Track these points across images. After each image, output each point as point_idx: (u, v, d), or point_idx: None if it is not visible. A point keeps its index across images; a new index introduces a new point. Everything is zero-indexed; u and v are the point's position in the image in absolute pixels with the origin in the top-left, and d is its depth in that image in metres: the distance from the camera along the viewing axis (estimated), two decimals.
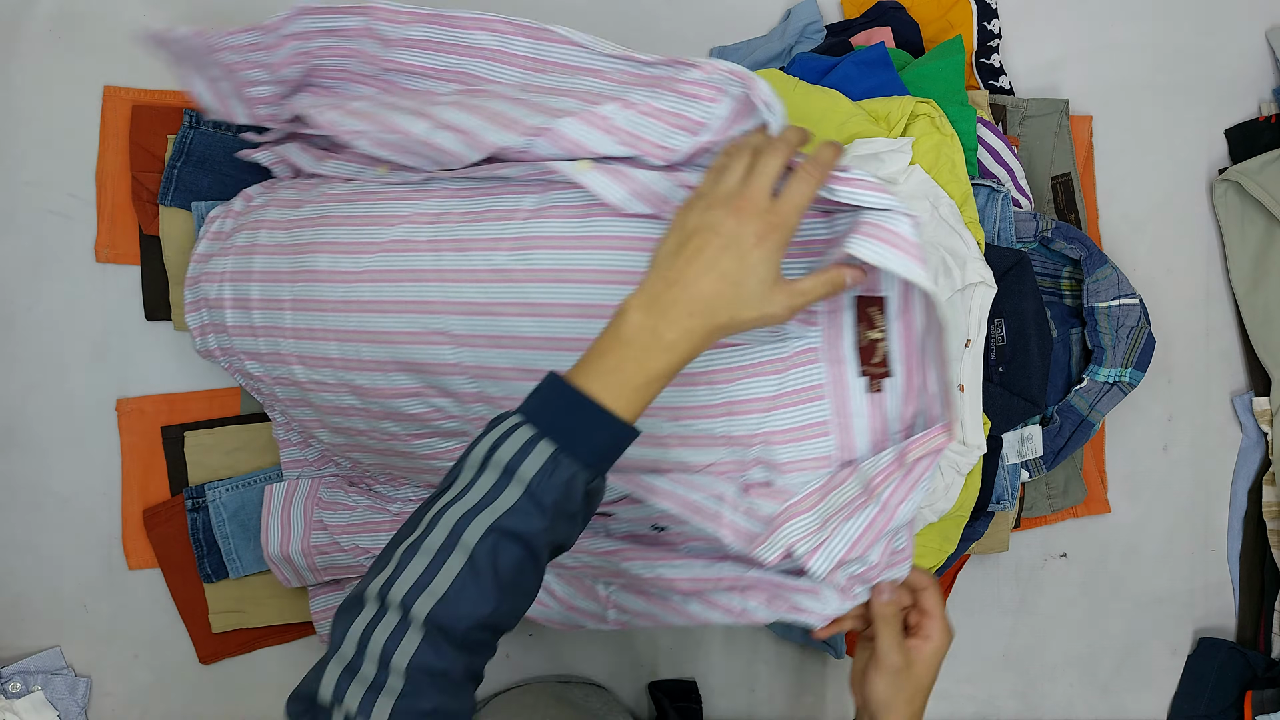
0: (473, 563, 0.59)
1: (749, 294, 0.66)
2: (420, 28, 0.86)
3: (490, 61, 0.86)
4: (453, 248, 0.82)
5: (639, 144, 0.76)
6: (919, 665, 0.79)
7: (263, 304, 0.92)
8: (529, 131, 0.78)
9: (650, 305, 0.65)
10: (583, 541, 0.88)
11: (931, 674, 0.80)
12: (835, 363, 0.78)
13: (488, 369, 0.82)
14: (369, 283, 0.85)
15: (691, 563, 0.83)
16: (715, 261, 0.66)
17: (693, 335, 0.65)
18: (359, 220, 0.87)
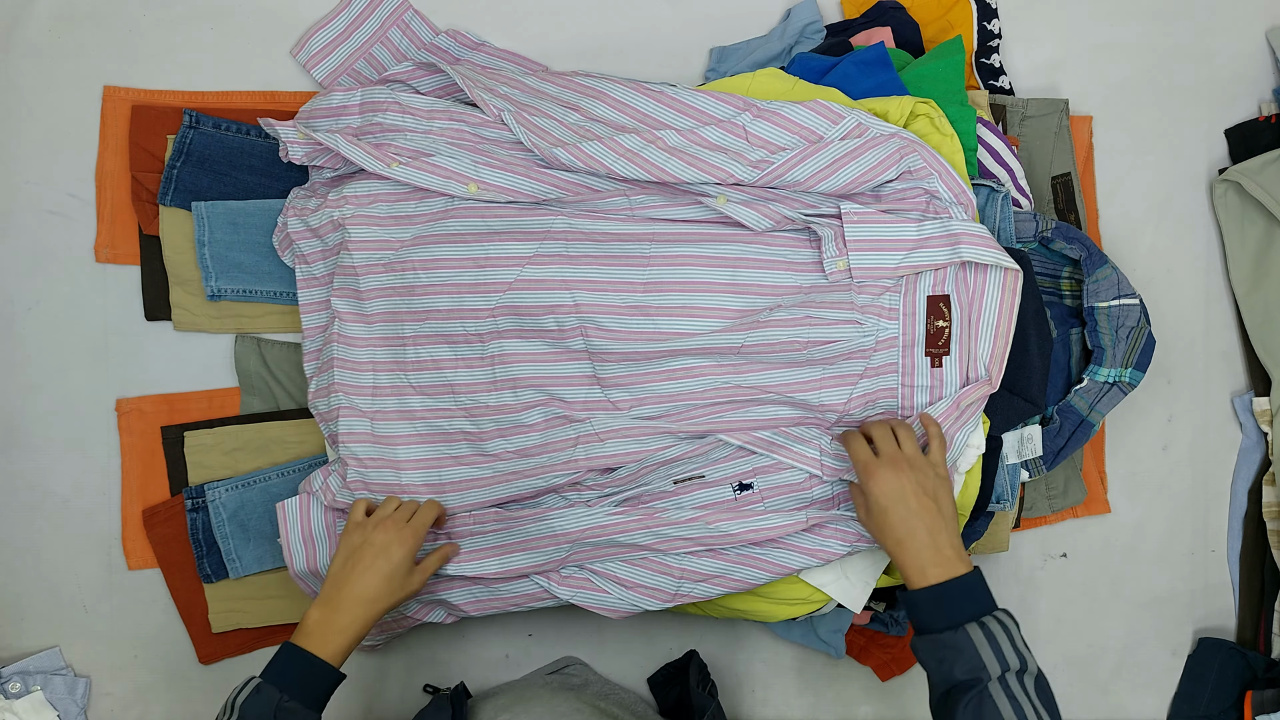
0: None
1: (397, 584, 0.96)
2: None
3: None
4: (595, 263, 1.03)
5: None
6: (868, 495, 0.94)
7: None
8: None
9: (325, 604, 0.94)
10: (667, 513, 1.02)
11: (871, 494, 0.93)
12: (907, 346, 1.02)
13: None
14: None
15: (773, 515, 1.01)
16: (371, 564, 0.95)
17: (358, 621, 0.94)
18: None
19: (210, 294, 1.09)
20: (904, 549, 0.92)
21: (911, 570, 0.91)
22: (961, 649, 0.86)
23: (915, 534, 0.91)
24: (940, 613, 0.89)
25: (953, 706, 0.85)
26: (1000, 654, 0.85)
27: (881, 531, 0.94)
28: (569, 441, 1.02)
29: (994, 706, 0.83)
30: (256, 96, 1.13)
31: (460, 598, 1.06)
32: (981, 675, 0.85)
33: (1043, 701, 0.85)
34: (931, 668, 0.89)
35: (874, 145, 1.00)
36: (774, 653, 1.19)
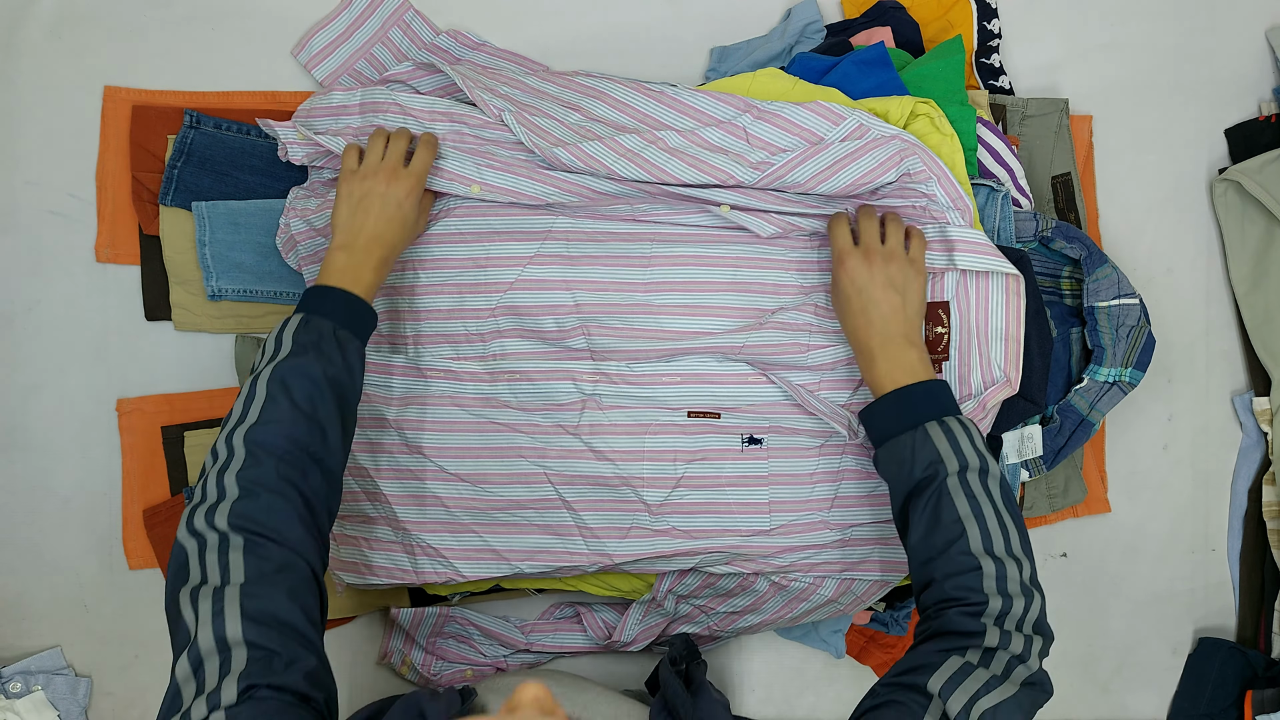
0: (270, 396, 0.82)
1: (410, 227, 0.97)
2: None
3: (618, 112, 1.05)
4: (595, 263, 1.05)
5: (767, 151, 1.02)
6: (834, 282, 0.96)
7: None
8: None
9: (346, 249, 0.93)
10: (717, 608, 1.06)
11: (843, 285, 0.95)
12: None
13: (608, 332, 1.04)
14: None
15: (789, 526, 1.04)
16: (382, 212, 0.94)
17: (381, 261, 0.94)
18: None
19: (211, 294, 1.09)
20: (859, 336, 0.93)
21: (863, 358, 0.92)
22: (919, 447, 0.85)
23: (873, 323, 0.92)
24: (899, 415, 0.88)
25: (912, 509, 0.84)
26: (959, 451, 0.84)
27: (842, 317, 0.95)
28: (576, 404, 1.02)
29: (950, 502, 0.83)
30: (257, 96, 1.13)
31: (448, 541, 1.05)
32: (939, 470, 0.84)
33: (1004, 500, 0.84)
34: (892, 473, 0.87)
35: (875, 147, 1.00)
36: (774, 653, 1.19)
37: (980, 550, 0.81)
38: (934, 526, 0.83)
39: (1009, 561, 0.82)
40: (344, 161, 0.99)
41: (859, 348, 0.94)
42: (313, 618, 0.76)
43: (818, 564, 1.02)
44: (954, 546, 0.82)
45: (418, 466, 1.04)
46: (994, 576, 0.81)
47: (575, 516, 1.02)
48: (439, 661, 1.12)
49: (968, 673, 0.76)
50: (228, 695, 0.69)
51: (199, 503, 0.78)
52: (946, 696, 0.74)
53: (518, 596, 1.14)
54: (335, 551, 1.06)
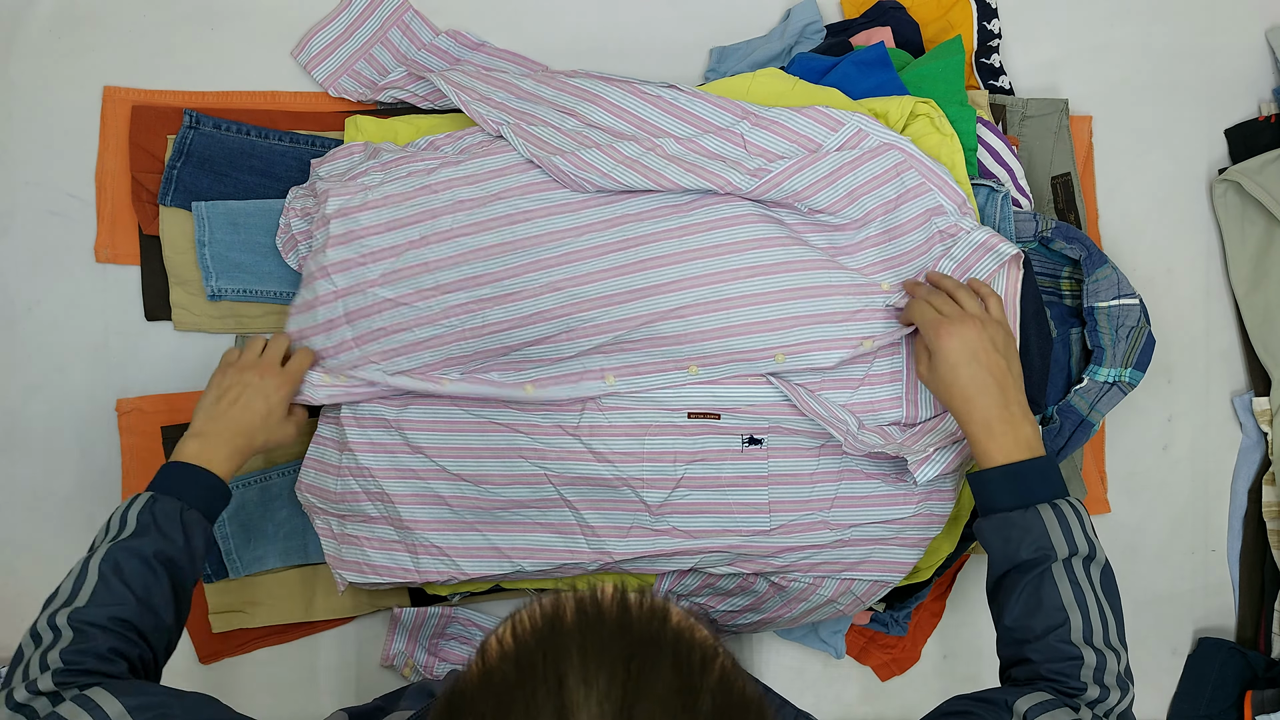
0: (102, 576, 0.81)
1: (273, 425, 0.96)
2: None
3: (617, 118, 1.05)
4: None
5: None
6: (936, 353, 0.91)
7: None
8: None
9: (200, 437, 0.93)
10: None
11: (937, 357, 0.91)
12: (909, 357, 1.02)
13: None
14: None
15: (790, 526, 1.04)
16: (250, 404, 0.95)
17: (237, 451, 0.93)
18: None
19: (210, 294, 1.09)
20: (973, 407, 0.88)
21: (979, 429, 0.88)
22: (1030, 528, 0.83)
23: (988, 391, 0.88)
24: (1013, 491, 0.85)
25: (1011, 585, 0.83)
26: (1070, 537, 0.83)
27: (949, 390, 0.90)
28: (576, 405, 1.03)
29: (1053, 586, 0.81)
30: (257, 96, 1.13)
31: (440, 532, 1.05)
32: (1048, 554, 0.82)
33: (1105, 590, 0.83)
34: (996, 547, 0.86)
35: (872, 157, 1.00)
36: (774, 653, 1.19)
37: (1081, 640, 0.81)
38: (1034, 609, 0.82)
39: (1109, 653, 0.82)
40: (223, 358, 1.00)
41: (974, 416, 0.89)
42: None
43: (817, 564, 1.02)
44: (1054, 634, 0.81)
45: (419, 466, 1.03)
46: (1093, 668, 0.81)
47: (576, 515, 1.02)
48: (442, 663, 1.12)
49: (1056, 705, 0.76)
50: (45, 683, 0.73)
51: (16, 683, 0.76)
52: (1030, 717, 0.74)
53: (518, 597, 1.14)
54: (336, 551, 1.06)
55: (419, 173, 1.04)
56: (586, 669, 0.48)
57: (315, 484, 1.06)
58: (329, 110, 1.13)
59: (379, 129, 1.09)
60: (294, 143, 1.11)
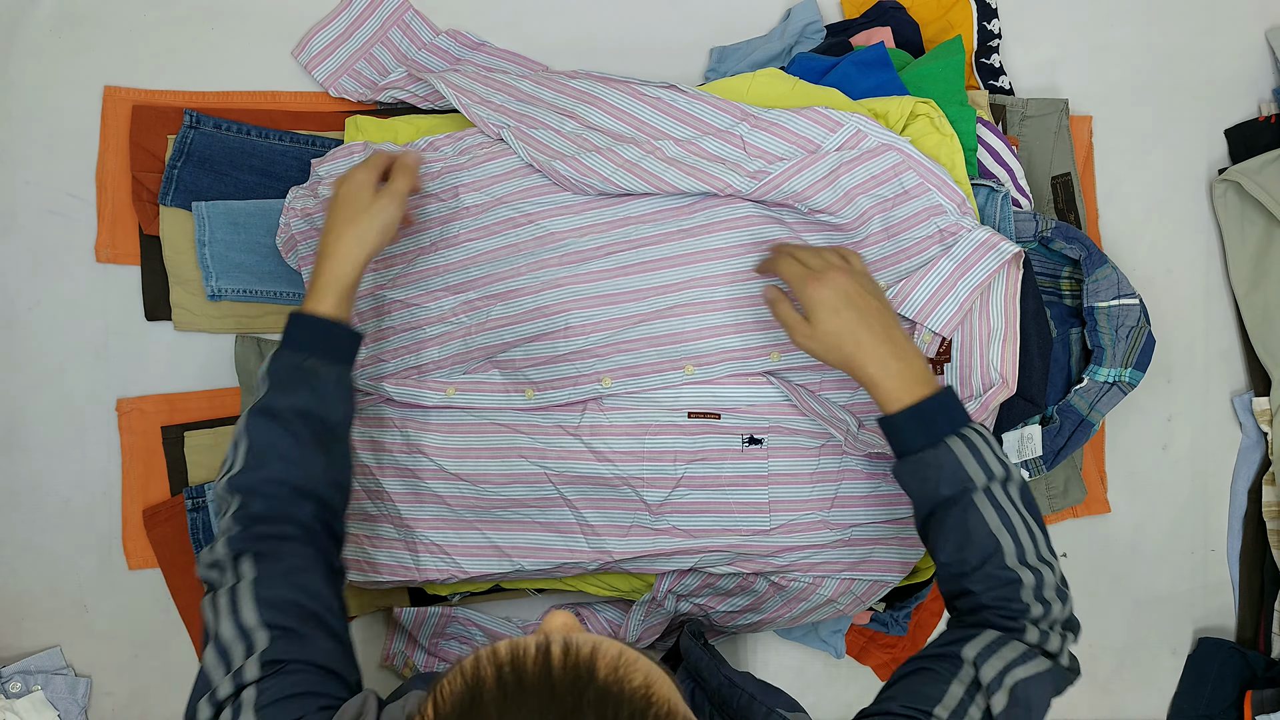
0: (251, 440, 0.85)
1: (361, 207, 0.93)
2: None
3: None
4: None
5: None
6: (808, 312, 0.91)
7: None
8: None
9: (320, 254, 0.92)
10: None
11: (816, 312, 0.90)
12: None
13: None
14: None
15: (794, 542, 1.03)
16: (331, 204, 0.94)
17: (341, 261, 0.91)
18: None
19: (210, 294, 1.09)
20: (862, 349, 0.88)
21: (875, 370, 0.88)
22: (944, 464, 0.84)
23: (872, 329, 0.88)
24: (921, 430, 0.86)
25: (939, 523, 0.85)
26: (984, 463, 0.84)
27: (837, 339, 0.88)
28: (577, 405, 1.03)
29: (979, 516, 0.83)
30: (257, 96, 1.13)
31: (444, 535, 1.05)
32: (968, 486, 0.84)
33: (1027, 508, 0.85)
34: (915, 488, 0.87)
35: (870, 158, 1.00)
36: (774, 653, 1.19)
37: (1016, 562, 0.82)
38: (966, 542, 0.83)
39: (1043, 568, 0.83)
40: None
41: (867, 358, 0.88)
42: (330, 605, 0.79)
43: (817, 564, 1.02)
44: (990, 562, 0.82)
45: (418, 466, 1.04)
46: (1032, 586, 0.82)
47: (576, 514, 1.02)
48: (441, 664, 1.12)
49: (1003, 643, 0.78)
50: (251, 672, 0.72)
51: (209, 545, 0.83)
52: (980, 663, 0.75)
53: (518, 597, 1.14)
54: None
55: (425, 177, 1.05)
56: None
57: None
58: (329, 110, 1.13)
59: (379, 129, 1.09)
60: (294, 143, 1.11)
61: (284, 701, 0.70)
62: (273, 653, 0.73)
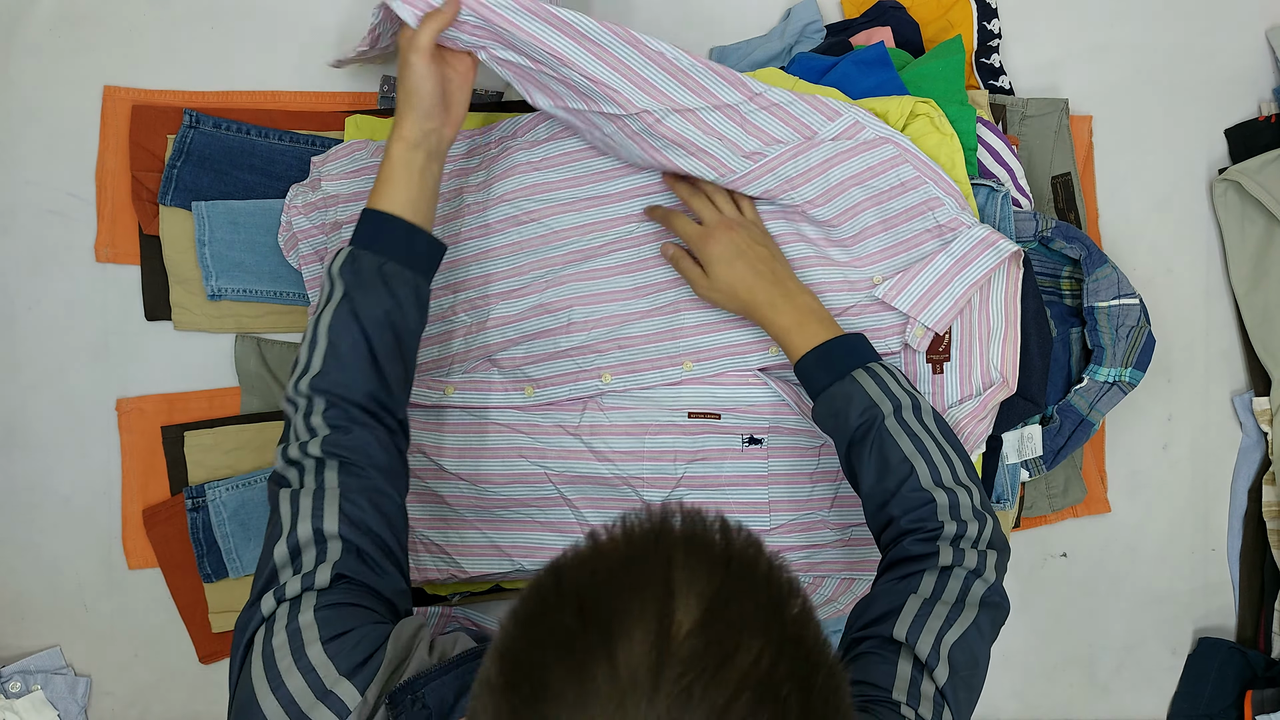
0: (331, 343, 0.84)
1: (432, 89, 0.90)
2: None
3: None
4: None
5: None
6: (705, 264, 0.96)
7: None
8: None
9: (394, 134, 0.90)
10: None
11: (713, 264, 0.95)
12: (908, 350, 1.01)
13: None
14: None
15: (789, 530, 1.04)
16: (399, 71, 0.91)
17: (413, 134, 0.89)
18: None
19: (210, 294, 1.09)
20: (758, 297, 0.94)
21: (771, 314, 0.93)
22: (852, 395, 0.87)
23: (761, 276, 0.94)
24: (828, 368, 0.90)
25: (858, 456, 0.86)
26: (889, 392, 0.87)
27: (732, 289, 0.95)
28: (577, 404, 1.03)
29: (892, 442, 0.85)
30: (256, 96, 1.13)
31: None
32: (875, 414, 0.86)
33: (942, 433, 0.86)
34: (830, 425, 0.89)
35: (866, 149, 1.00)
36: None
37: (931, 484, 0.84)
38: (884, 470, 0.85)
39: (959, 490, 0.85)
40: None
41: (759, 301, 0.94)
42: (402, 543, 0.81)
43: (817, 564, 1.02)
44: (905, 485, 0.84)
45: (418, 465, 1.04)
46: (947, 506, 0.84)
47: (576, 514, 1.02)
48: None
49: (928, 611, 0.78)
50: (321, 578, 0.73)
51: (290, 441, 0.83)
52: (914, 641, 0.76)
53: (517, 597, 1.14)
54: None
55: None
56: (690, 562, 0.50)
57: None
58: (329, 110, 1.13)
59: (379, 128, 1.09)
60: (294, 142, 1.11)
61: (343, 608, 0.72)
62: (344, 566, 0.75)
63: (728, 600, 0.49)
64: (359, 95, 1.14)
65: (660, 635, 0.47)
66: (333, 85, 1.14)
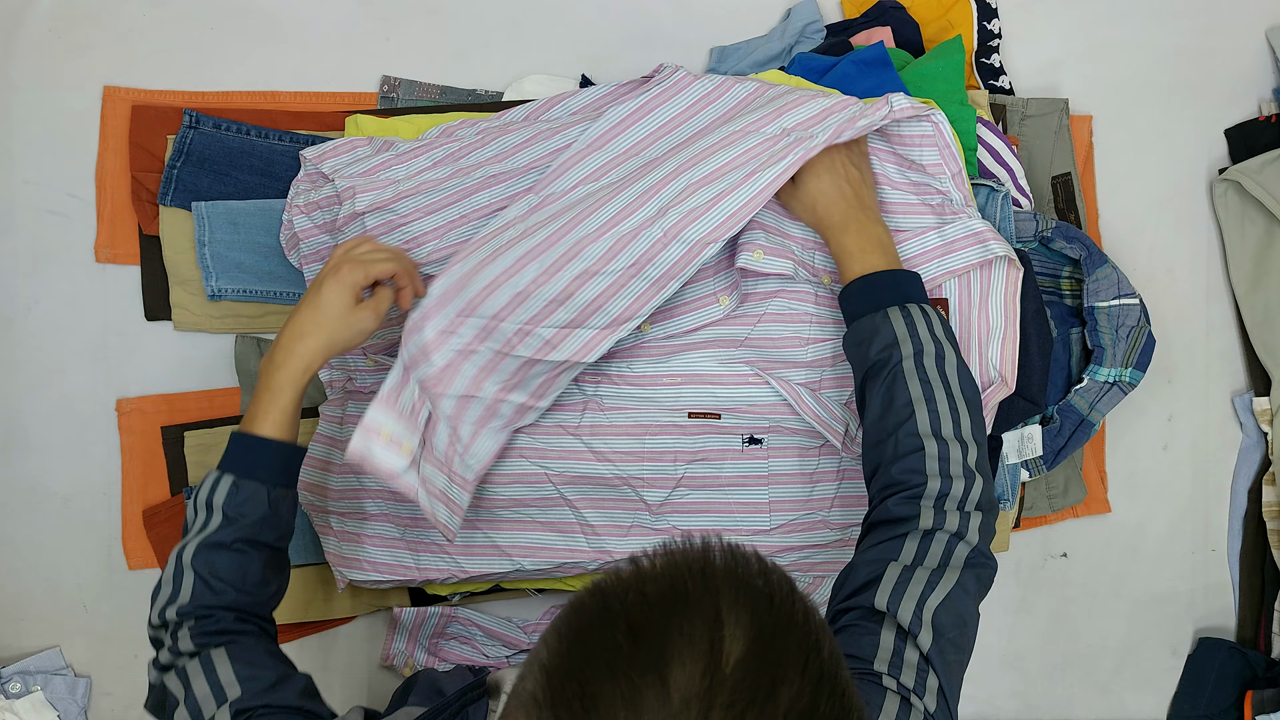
0: (197, 575, 0.83)
1: (333, 315, 0.89)
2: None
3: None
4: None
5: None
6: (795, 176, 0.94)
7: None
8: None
9: (266, 360, 0.90)
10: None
11: (802, 175, 0.93)
12: None
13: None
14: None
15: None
16: (304, 299, 0.90)
17: (294, 355, 0.88)
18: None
19: (210, 294, 1.09)
20: (833, 213, 0.93)
21: (839, 234, 0.92)
22: (879, 330, 0.86)
23: (845, 198, 0.92)
24: (868, 298, 0.88)
25: (869, 390, 0.85)
26: (916, 336, 0.85)
27: (812, 203, 0.93)
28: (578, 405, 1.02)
29: (903, 384, 0.83)
30: (256, 96, 1.13)
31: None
32: (894, 353, 0.84)
33: (963, 387, 0.84)
34: (853, 354, 0.88)
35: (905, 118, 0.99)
36: None
37: (926, 431, 0.82)
38: (887, 409, 0.84)
39: (954, 444, 0.82)
40: None
41: (834, 220, 0.93)
42: (299, 677, 0.81)
43: (817, 564, 1.02)
44: (902, 429, 0.82)
45: None
46: (936, 457, 0.81)
47: (576, 514, 1.02)
48: (442, 664, 1.12)
49: (908, 578, 0.76)
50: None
51: (161, 651, 0.83)
52: (895, 609, 0.74)
53: (518, 597, 1.14)
54: (336, 548, 1.06)
55: (446, 160, 1.04)
56: (735, 595, 0.50)
57: (316, 481, 1.06)
58: (329, 110, 1.13)
59: (379, 128, 1.09)
60: (294, 143, 1.11)
61: None
62: (245, 701, 0.75)
63: (772, 635, 0.49)
64: (359, 95, 1.14)
65: (711, 662, 0.48)
66: (332, 85, 1.14)
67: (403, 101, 1.14)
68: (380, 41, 1.15)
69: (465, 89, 1.15)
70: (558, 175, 1.00)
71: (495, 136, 1.04)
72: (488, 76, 1.16)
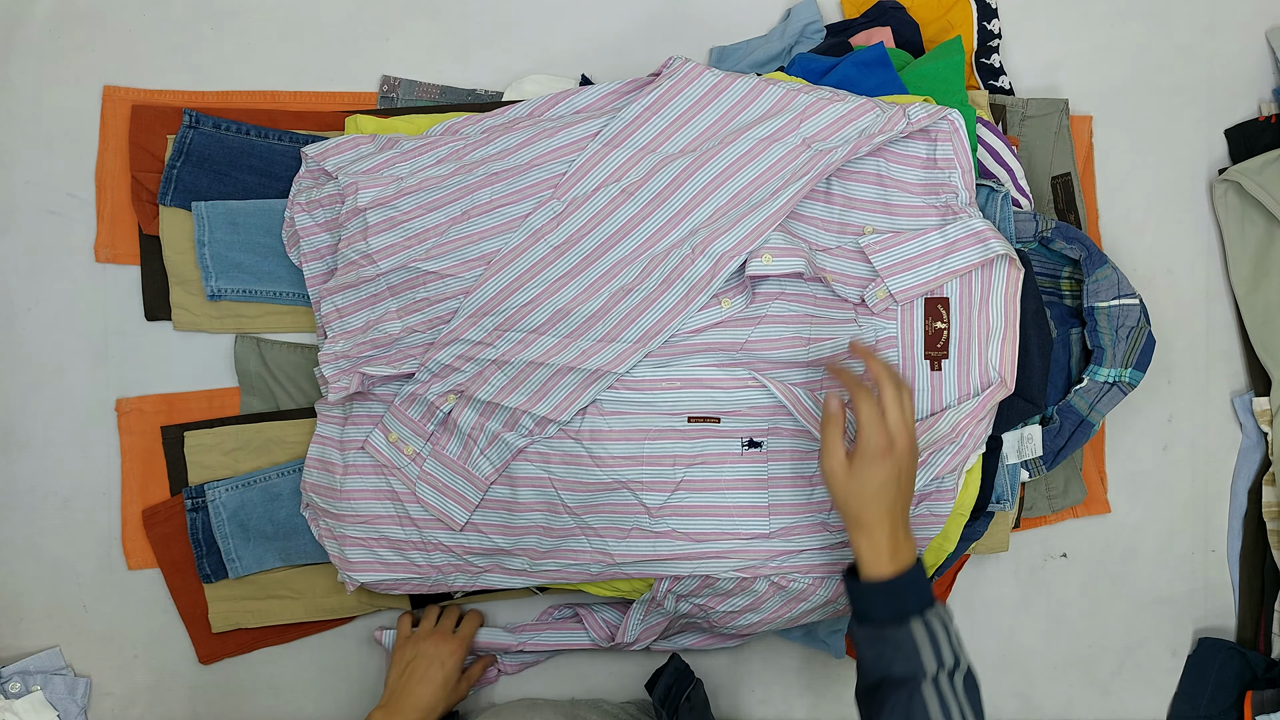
0: None
1: (450, 690, 1.07)
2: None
3: None
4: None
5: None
6: (855, 463, 0.90)
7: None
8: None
9: (388, 711, 1.03)
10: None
11: (863, 472, 0.89)
12: (906, 347, 1.02)
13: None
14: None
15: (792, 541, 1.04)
16: (428, 675, 1.06)
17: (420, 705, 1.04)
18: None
19: (210, 294, 1.10)
20: (865, 510, 0.89)
21: (872, 535, 0.89)
22: (902, 645, 0.86)
23: (883, 503, 0.89)
24: (888, 605, 0.88)
25: (884, 700, 0.86)
26: (939, 652, 0.86)
27: (855, 492, 0.89)
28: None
29: (922, 706, 0.84)
30: (256, 96, 1.13)
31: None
32: (917, 674, 0.85)
33: (969, 699, 0.86)
34: (869, 657, 0.88)
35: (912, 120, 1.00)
36: (774, 652, 1.19)
37: None
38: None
39: None
40: (399, 628, 1.11)
41: (864, 521, 0.89)
42: None
43: (817, 565, 1.02)
44: None
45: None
46: None
47: (576, 518, 1.02)
48: None
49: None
50: None
51: None
52: None
53: (519, 597, 1.14)
54: (340, 552, 1.06)
55: (450, 157, 1.04)
56: None
57: (319, 483, 1.06)
58: (329, 110, 1.13)
59: (379, 128, 1.09)
60: (294, 142, 1.11)
61: None
62: None
63: None
64: (358, 95, 1.15)
65: None
66: (332, 85, 1.14)
67: (402, 101, 1.14)
68: (380, 41, 1.15)
69: (465, 89, 1.15)
70: (579, 178, 1.01)
71: (499, 134, 1.04)
72: (488, 76, 1.16)
